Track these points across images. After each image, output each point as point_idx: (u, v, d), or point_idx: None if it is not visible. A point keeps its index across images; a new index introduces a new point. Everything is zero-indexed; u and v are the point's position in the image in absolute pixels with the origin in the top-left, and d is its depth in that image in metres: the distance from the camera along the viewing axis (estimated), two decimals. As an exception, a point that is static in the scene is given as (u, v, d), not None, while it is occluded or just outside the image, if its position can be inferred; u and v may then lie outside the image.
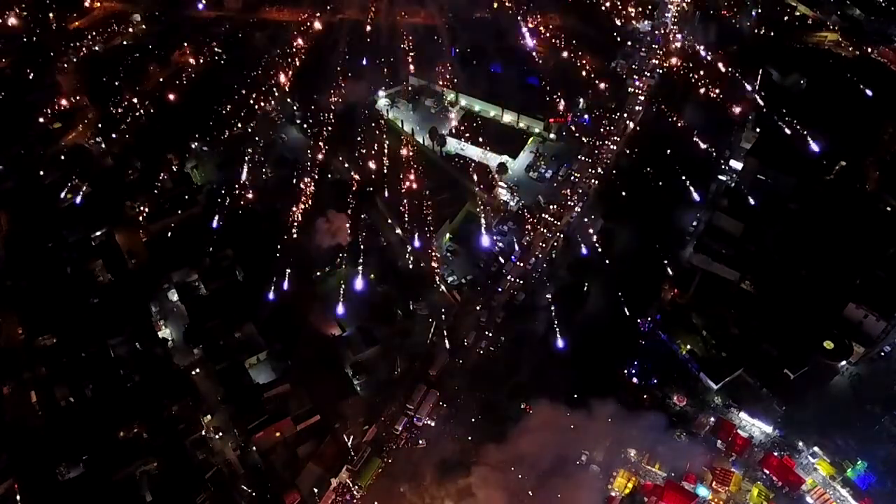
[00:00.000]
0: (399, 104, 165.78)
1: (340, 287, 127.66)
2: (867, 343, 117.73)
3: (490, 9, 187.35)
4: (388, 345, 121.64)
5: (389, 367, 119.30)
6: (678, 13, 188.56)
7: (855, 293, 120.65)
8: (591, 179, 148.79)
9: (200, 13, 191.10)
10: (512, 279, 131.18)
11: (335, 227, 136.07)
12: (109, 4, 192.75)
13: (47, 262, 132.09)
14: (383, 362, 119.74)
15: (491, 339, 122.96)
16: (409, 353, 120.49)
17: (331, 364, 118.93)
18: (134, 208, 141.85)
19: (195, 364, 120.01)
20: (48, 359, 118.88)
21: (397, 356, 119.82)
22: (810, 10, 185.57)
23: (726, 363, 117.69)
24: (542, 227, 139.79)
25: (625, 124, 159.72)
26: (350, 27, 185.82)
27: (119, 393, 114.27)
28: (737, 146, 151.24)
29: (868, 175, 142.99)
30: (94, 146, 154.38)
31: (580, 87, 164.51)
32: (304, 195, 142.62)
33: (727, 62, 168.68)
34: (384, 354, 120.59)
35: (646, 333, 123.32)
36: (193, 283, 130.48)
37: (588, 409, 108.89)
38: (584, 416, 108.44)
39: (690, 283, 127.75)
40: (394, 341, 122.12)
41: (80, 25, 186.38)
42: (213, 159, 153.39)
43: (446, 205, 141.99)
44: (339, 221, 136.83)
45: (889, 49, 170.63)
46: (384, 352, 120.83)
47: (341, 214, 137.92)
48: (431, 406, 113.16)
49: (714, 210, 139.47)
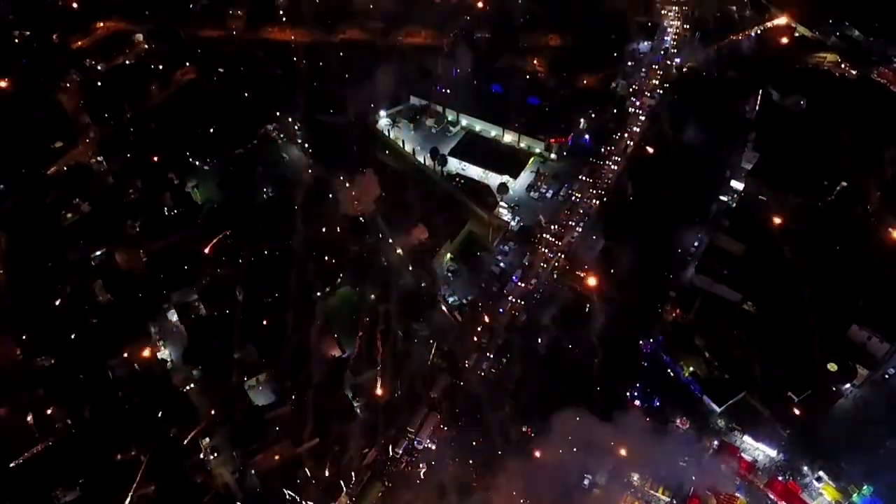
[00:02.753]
0: (400, 124, 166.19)
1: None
2: (871, 365, 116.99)
3: (491, 29, 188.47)
4: (388, 366, 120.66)
5: (390, 389, 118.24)
6: (678, 34, 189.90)
7: (858, 315, 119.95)
8: (593, 199, 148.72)
9: (203, 32, 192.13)
10: (513, 300, 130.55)
11: (362, 189, 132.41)
12: (113, 24, 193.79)
13: (47, 282, 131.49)
14: (384, 384, 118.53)
15: (492, 361, 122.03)
16: (409, 375, 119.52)
17: (331, 386, 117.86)
18: (134, 227, 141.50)
19: (194, 386, 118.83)
20: (46, 380, 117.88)
21: (398, 378, 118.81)
22: (809, 31, 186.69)
23: (729, 385, 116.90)
24: (544, 248, 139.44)
25: (626, 144, 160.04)
26: (351, 47, 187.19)
27: (117, 415, 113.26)
28: (738, 166, 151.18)
29: (870, 196, 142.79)
30: (96, 165, 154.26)
31: (581, 107, 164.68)
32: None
33: (727, 82, 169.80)
34: (384, 376, 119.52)
35: (648, 355, 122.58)
36: (193, 303, 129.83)
37: (591, 432, 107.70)
38: (586, 439, 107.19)
39: (692, 305, 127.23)
40: (394, 363, 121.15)
41: (83, 45, 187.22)
42: (214, 178, 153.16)
43: (447, 224, 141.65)
44: (365, 183, 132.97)
45: (889, 70, 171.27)
46: (384, 374, 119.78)
47: (369, 175, 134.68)
48: (432, 429, 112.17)
49: (715, 231, 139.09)
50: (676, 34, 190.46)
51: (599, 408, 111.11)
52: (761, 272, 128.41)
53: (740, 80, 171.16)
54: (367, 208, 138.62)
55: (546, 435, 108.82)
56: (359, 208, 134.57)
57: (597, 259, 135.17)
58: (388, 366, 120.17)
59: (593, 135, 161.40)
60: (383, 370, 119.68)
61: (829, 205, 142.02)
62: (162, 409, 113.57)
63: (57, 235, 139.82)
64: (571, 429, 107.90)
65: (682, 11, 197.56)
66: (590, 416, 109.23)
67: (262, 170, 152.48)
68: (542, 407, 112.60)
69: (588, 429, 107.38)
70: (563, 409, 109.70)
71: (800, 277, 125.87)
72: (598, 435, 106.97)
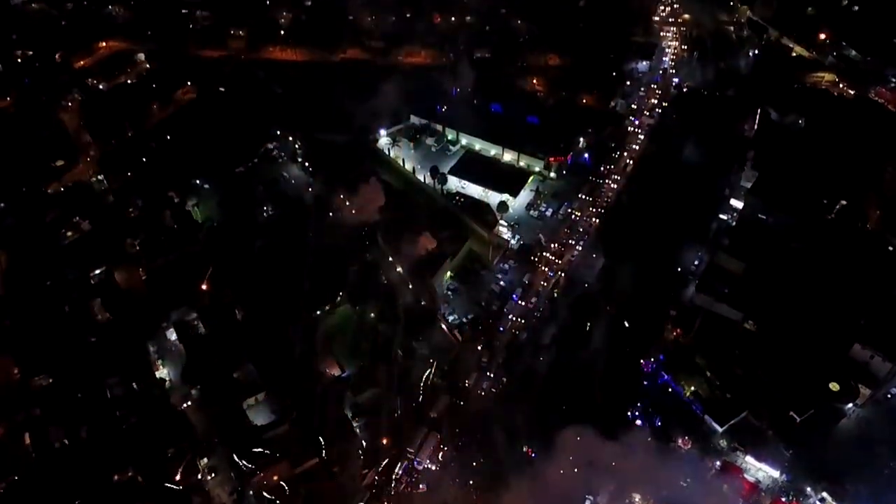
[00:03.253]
0: (400, 143, 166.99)
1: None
2: (874, 384, 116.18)
3: (490, 49, 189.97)
4: (388, 386, 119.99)
5: (390, 408, 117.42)
6: (676, 54, 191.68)
7: (860, 333, 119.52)
8: (592, 218, 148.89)
9: (204, 52, 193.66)
10: (513, 318, 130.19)
11: (365, 198, 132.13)
12: (115, 44, 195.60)
13: (46, 301, 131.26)
14: (383, 403, 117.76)
15: (492, 380, 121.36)
16: (409, 395, 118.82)
17: (330, 405, 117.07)
18: (134, 246, 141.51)
19: (192, 405, 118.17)
20: (43, 399, 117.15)
21: (398, 397, 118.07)
22: (807, 50, 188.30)
23: (731, 405, 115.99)
24: (544, 266, 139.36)
25: (625, 163, 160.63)
26: (351, 67, 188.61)
27: (115, 435, 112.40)
28: (737, 185, 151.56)
29: (869, 214, 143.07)
30: (96, 183, 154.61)
31: (580, 125, 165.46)
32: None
33: (726, 101, 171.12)
34: (384, 395, 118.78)
35: (649, 374, 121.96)
36: (192, 322, 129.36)
37: (592, 452, 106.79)
38: (588, 459, 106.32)
39: (693, 324, 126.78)
40: (394, 382, 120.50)
41: (85, 64, 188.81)
42: (214, 197, 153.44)
43: (447, 243, 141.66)
44: (370, 192, 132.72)
45: (886, 89, 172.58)
46: (384, 393, 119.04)
47: (374, 184, 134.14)
48: (432, 449, 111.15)
49: (715, 249, 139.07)
50: (675, 54, 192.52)
51: (601, 427, 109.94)
52: (762, 291, 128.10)
53: (739, 99, 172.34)
54: (370, 216, 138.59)
55: (547, 455, 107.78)
56: (363, 217, 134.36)
57: (597, 277, 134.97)
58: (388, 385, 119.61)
59: (593, 153, 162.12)
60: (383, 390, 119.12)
61: (829, 223, 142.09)
62: (160, 429, 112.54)
63: (57, 254, 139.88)
64: (573, 448, 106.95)
65: (680, 32, 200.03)
66: (591, 436, 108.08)
67: (263, 188, 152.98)
68: (543, 427, 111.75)
69: (589, 448, 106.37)
70: (565, 429, 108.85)
71: (801, 296, 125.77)
72: (599, 454, 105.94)
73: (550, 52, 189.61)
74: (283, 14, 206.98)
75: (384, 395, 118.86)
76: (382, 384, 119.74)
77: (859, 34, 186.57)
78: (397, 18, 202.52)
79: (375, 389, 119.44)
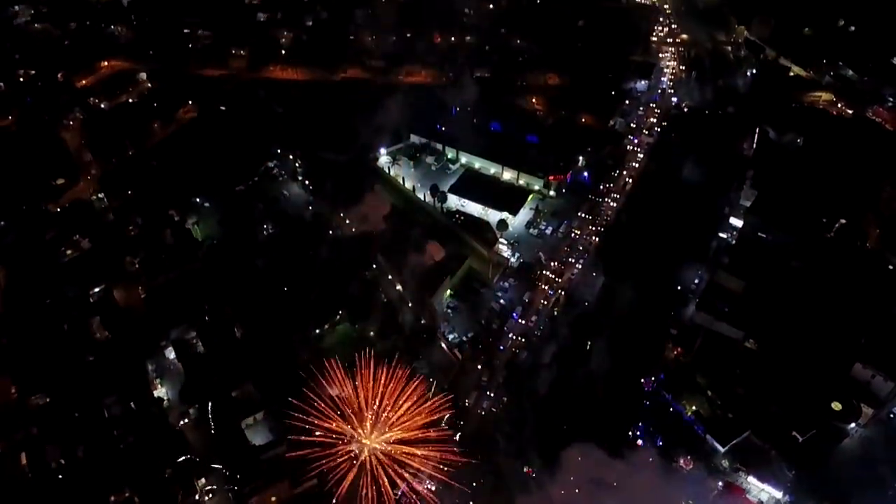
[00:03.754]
0: (400, 161, 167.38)
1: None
2: (876, 404, 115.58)
3: (490, 68, 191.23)
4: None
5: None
6: (674, 74, 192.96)
7: (861, 353, 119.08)
8: (592, 236, 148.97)
9: (206, 72, 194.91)
10: (514, 337, 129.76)
11: (370, 207, 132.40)
12: (117, 63, 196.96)
13: (45, 319, 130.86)
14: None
15: (493, 400, 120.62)
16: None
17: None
18: (134, 264, 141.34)
19: (190, 424, 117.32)
20: (40, 419, 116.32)
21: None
22: (804, 70, 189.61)
23: (733, 425, 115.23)
24: (544, 284, 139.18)
25: (624, 181, 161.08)
26: (352, 86, 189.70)
27: (112, 454, 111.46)
28: (736, 203, 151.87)
29: (869, 233, 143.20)
30: (97, 202, 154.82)
31: (579, 144, 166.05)
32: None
33: (724, 120, 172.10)
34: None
35: (649, 393, 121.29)
36: (191, 341, 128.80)
37: (594, 471, 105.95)
38: (592, 478, 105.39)
39: (693, 342, 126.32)
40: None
41: (87, 83, 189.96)
42: (214, 215, 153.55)
43: (447, 261, 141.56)
44: (374, 201, 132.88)
45: (883, 108, 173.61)
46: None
47: (377, 192, 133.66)
48: (432, 469, 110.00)
49: (715, 268, 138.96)
50: (673, 73, 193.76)
51: (605, 446, 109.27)
52: (762, 309, 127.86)
53: (737, 118, 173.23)
54: (376, 225, 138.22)
55: (549, 474, 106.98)
56: (367, 226, 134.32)
57: (597, 296, 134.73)
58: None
59: (592, 172, 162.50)
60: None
61: (828, 241, 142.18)
62: (157, 449, 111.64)
63: (56, 272, 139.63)
64: (576, 467, 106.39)
65: (679, 51, 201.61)
66: (595, 455, 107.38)
67: (263, 206, 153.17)
68: (543, 446, 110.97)
69: (591, 468, 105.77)
70: (569, 447, 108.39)
71: (801, 314, 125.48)
72: (601, 474, 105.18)
73: (550, 71, 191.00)
74: (283, 34, 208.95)
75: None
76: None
77: (856, 54, 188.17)
78: (398, 38, 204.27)
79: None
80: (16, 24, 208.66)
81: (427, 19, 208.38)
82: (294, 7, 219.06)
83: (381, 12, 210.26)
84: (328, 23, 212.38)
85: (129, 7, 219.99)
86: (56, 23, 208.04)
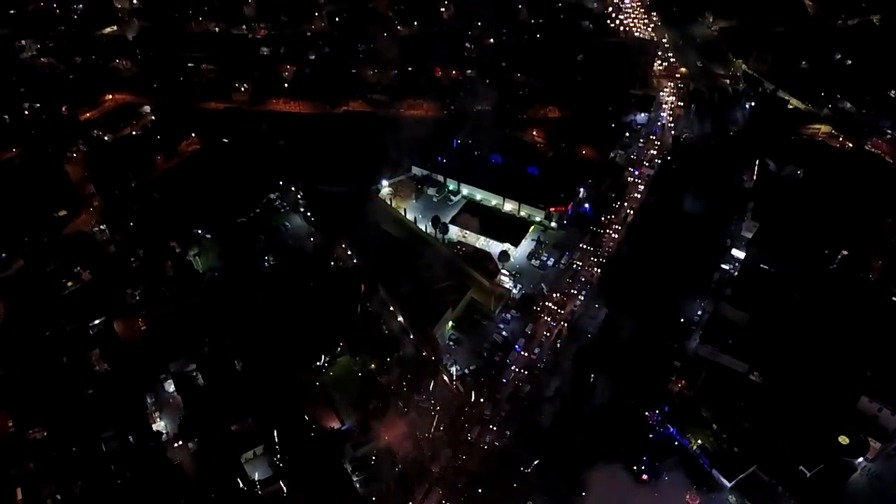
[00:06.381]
0: (402, 193, 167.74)
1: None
2: (883, 438, 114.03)
3: (490, 101, 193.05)
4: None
5: (390, 462, 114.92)
6: (674, 106, 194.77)
7: (868, 386, 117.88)
8: (594, 268, 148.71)
9: (209, 105, 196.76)
10: (516, 370, 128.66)
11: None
12: (121, 97, 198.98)
13: (43, 351, 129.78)
14: (384, 458, 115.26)
15: (496, 434, 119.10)
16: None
17: (330, 459, 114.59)
18: (134, 296, 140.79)
19: (189, 459, 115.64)
20: (37, 453, 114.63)
21: (399, 450, 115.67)
22: (802, 103, 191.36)
23: (739, 459, 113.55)
24: (546, 316, 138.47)
25: (625, 213, 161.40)
26: (354, 119, 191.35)
27: (109, 490, 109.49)
28: (738, 235, 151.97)
29: (872, 265, 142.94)
30: (98, 234, 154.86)
31: (580, 176, 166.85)
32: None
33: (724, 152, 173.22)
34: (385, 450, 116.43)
35: (654, 427, 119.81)
36: (191, 374, 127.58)
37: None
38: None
39: (698, 375, 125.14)
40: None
41: (91, 116, 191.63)
42: (215, 247, 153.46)
43: (448, 293, 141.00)
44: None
45: (882, 141, 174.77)
46: (385, 447, 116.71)
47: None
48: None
49: (718, 300, 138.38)
50: (673, 106, 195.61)
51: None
52: (767, 342, 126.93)
53: (737, 150, 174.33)
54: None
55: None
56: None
57: (600, 328, 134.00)
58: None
59: (593, 204, 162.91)
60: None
61: (831, 273, 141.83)
62: (155, 484, 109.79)
63: (56, 304, 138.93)
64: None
65: (678, 85, 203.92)
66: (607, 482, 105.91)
67: (264, 238, 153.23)
68: (546, 482, 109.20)
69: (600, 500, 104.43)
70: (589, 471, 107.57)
71: (806, 347, 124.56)
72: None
73: (550, 104, 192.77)
74: (286, 68, 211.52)
75: (384, 449, 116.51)
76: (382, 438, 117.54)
77: (854, 87, 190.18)
78: (399, 72, 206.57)
79: (376, 443, 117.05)
80: (22, 58, 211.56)
81: (428, 53, 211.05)
82: (297, 42, 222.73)
83: (382, 47, 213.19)
84: (330, 57, 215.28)
85: (134, 42, 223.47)
86: (61, 57, 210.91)
